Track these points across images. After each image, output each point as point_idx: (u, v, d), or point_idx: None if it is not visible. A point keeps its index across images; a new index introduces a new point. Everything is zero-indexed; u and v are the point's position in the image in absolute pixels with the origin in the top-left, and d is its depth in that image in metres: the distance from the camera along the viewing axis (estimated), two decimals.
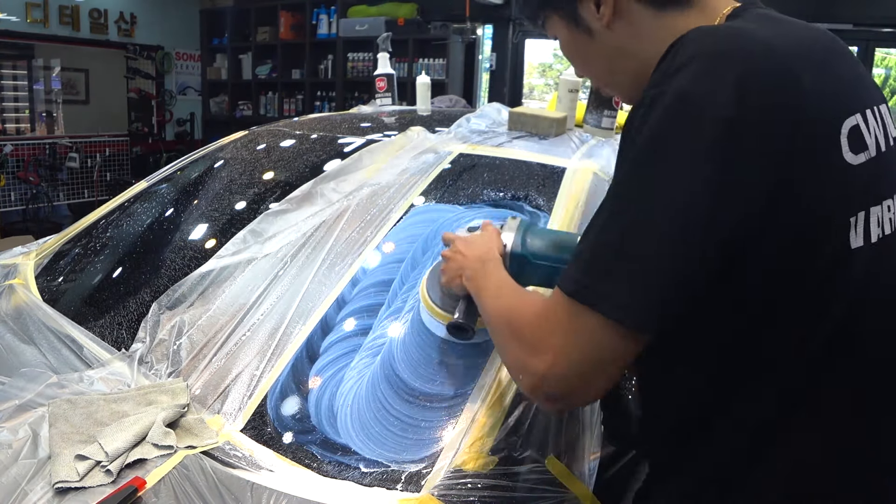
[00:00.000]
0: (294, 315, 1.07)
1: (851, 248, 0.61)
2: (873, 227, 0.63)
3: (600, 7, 0.72)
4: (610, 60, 0.76)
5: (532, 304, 0.68)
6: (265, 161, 1.63)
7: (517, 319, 0.68)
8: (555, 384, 0.62)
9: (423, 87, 2.08)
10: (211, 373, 1.02)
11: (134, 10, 6.41)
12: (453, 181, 1.33)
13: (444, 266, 0.95)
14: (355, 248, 1.18)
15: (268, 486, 0.81)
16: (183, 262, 1.29)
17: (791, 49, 0.61)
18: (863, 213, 0.62)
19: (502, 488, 0.81)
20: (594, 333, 0.59)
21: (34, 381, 0.99)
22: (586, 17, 0.74)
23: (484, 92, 5.62)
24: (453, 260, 0.93)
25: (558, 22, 0.78)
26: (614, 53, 0.75)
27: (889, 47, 4.68)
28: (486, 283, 0.82)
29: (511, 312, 0.71)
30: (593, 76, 0.83)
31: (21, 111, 5.96)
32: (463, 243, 0.93)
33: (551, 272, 0.90)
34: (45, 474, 0.81)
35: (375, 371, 0.97)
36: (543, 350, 0.62)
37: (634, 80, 0.74)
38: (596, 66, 0.80)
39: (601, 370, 0.61)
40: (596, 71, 0.81)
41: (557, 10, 0.77)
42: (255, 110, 6.42)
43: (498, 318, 0.74)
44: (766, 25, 0.66)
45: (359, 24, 5.37)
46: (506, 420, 0.88)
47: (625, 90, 0.80)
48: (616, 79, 0.80)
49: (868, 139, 0.63)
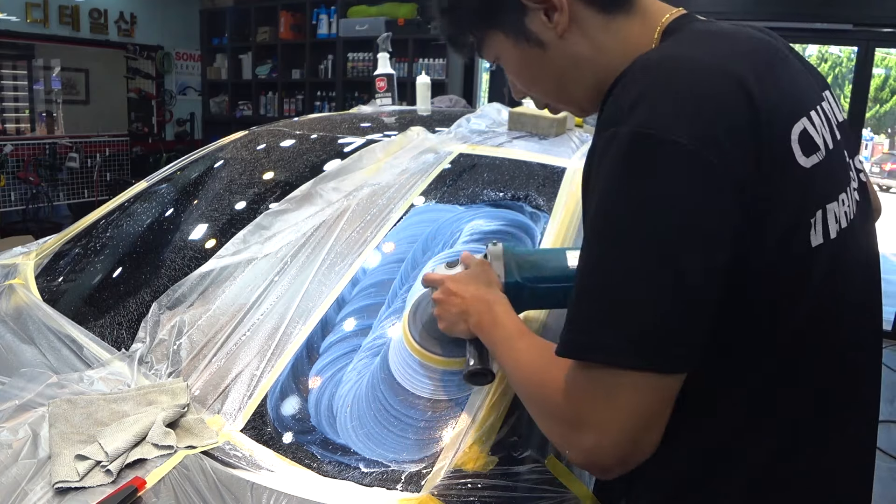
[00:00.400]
0: (294, 315, 1.07)
1: (812, 246, 0.62)
2: (831, 224, 0.64)
3: (552, 16, 0.69)
4: (564, 73, 0.73)
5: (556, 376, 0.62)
6: (265, 161, 1.63)
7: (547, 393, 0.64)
8: (606, 457, 0.58)
9: (424, 87, 2.08)
10: (211, 373, 1.02)
11: (134, 10, 6.41)
12: (453, 181, 1.33)
13: (439, 311, 0.88)
14: (355, 248, 1.18)
15: (268, 486, 0.81)
16: (183, 262, 1.29)
17: (735, 68, 0.60)
18: (820, 211, 0.63)
19: (502, 488, 0.81)
20: (629, 394, 0.56)
21: (34, 381, 0.99)
22: (536, 28, 0.70)
23: (484, 92, 5.62)
24: (449, 303, 0.86)
25: (502, 41, 0.73)
26: (569, 65, 0.72)
27: (889, 47, 4.69)
28: (498, 335, 0.78)
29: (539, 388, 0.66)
30: (544, 92, 0.78)
31: (21, 111, 5.96)
32: (455, 283, 0.87)
33: (547, 293, 0.89)
34: (45, 474, 0.81)
35: (375, 371, 0.97)
36: (584, 427, 0.58)
37: (590, 92, 0.74)
38: (548, 81, 0.76)
39: (650, 426, 0.58)
40: (547, 86, 0.77)
41: (501, 27, 0.72)
42: (255, 110, 6.42)
43: (524, 387, 0.70)
44: (705, 44, 0.65)
45: (359, 24, 5.37)
46: (506, 420, 0.88)
47: (578, 103, 0.77)
48: (570, 92, 0.76)
49: (817, 139, 0.64)
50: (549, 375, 0.63)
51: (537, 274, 0.88)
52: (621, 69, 0.65)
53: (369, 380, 0.96)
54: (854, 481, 0.76)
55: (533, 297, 0.89)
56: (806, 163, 0.62)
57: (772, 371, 0.65)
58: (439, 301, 0.88)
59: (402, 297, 1.08)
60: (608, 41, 0.70)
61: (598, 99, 0.70)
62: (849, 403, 0.73)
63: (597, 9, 0.69)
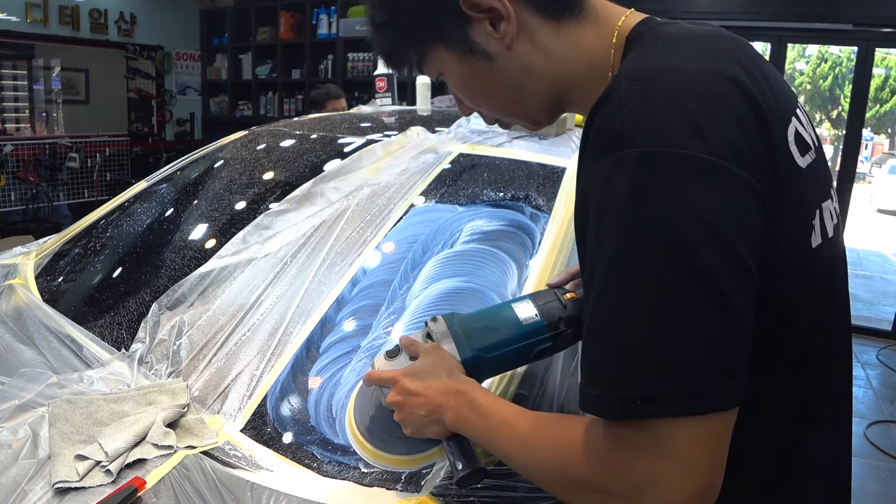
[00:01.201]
0: (294, 315, 1.07)
1: (813, 247, 0.61)
2: (827, 222, 0.63)
3: (498, 27, 0.65)
4: (514, 85, 0.68)
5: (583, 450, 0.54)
6: (265, 161, 1.63)
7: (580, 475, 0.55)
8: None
9: (423, 86, 2.08)
10: (211, 373, 1.02)
11: (134, 10, 6.41)
12: (453, 181, 1.33)
13: (402, 415, 0.76)
14: (355, 248, 1.18)
15: (268, 486, 0.81)
16: (183, 263, 1.30)
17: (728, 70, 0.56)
18: (818, 211, 0.61)
19: (502, 488, 0.81)
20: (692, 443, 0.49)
21: (34, 381, 0.99)
22: (481, 40, 0.66)
23: None
24: (412, 405, 0.74)
25: (445, 55, 0.68)
26: (520, 76, 0.67)
27: (889, 47, 4.69)
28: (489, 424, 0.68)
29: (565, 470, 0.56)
30: (495, 107, 0.73)
31: (21, 111, 5.96)
32: (412, 380, 0.75)
33: (508, 358, 0.81)
34: (45, 474, 0.81)
35: None
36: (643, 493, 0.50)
37: (543, 103, 0.70)
38: (497, 95, 0.70)
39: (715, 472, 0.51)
40: (498, 101, 0.71)
41: (443, 41, 0.67)
42: (255, 110, 6.42)
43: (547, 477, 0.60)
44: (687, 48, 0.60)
45: (359, 24, 5.37)
46: None
47: (532, 116, 0.73)
48: (522, 105, 0.71)
49: (807, 138, 0.62)
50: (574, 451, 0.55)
51: (492, 340, 0.80)
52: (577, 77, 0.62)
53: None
54: (843, 474, 0.77)
55: (494, 365, 0.81)
56: (802, 163, 0.60)
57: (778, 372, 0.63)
58: (399, 404, 0.76)
59: (401, 297, 1.08)
60: (560, 49, 0.66)
61: (553, 110, 0.67)
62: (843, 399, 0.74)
63: (545, 16, 0.65)
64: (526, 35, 0.65)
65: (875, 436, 2.98)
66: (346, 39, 5.55)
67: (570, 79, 0.65)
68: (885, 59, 6.49)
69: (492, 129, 1.56)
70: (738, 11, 4.56)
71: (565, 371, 0.99)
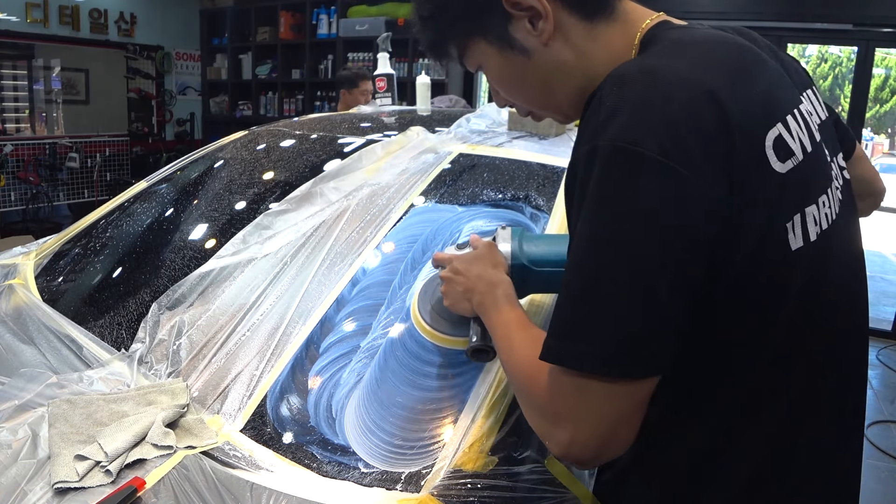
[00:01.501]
0: (294, 315, 1.07)
1: (792, 249, 0.63)
2: (811, 227, 0.65)
3: (536, 24, 0.69)
4: (548, 80, 0.73)
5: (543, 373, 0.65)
6: (265, 161, 1.63)
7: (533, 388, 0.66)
8: (580, 451, 0.62)
9: (423, 87, 2.08)
10: (211, 373, 1.02)
11: (134, 10, 6.41)
12: (453, 181, 1.32)
13: (445, 288, 0.91)
14: (355, 248, 1.18)
15: (267, 486, 0.81)
16: (183, 263, 1.29)
17: (707, 77, 0.61)
18: (798, 215, 0.64)
19: (502, 488, 0.81)
20: (600, 398, 0.59)
21: (34, 381, 0.99)
22: (520, 37, 0.71)
23: (484, 92, 5.62)
24: (455, 282, 0.88)
25: (486, 49, 0.74)
26: (554, 72, 0.72)
27: (889, 47, 4.69)
28: (498, 319, 0.79)
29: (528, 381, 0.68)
30: (528, 99, 0.79)
31: (21, 111, 5.96)
32: (461, 262, 0.89)
33: (552, 278, 0.89)
34: (45, 474, 0.81)
35: (374, 372, 0.97)
36: (561, 423, 0.62)
37: (573, 98, 0.74)
38: (532, 89, 0.76)
39: (619, 426, 0.61)
40: (532, 93, 0.77)
41: (485, 36, 0.73)
42: (255, 110, 6.42)
43: (513, 378, 0.72)
44: (678, 54, 0.65)
45: (359, 24, 5.37)
46: (506, 420, 0.88)
47: (562, 109, 0.78)
48: (554, 99, 0.76)
49: (793, 145, 0.64)
50: (537, 371, 0.65)
51: (544, 258, 0.89)
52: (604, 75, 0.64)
53: (367, 381, 0.96)
54: (848, 476, 0.78)
55: (538, 281, 0.89)
56: (781, 168, 0.62)
57: (763, 371, 0.66)
58: (446, 279, 0.91)
59: (401, 297, 1.08)
60: (591, 48, 0.71)
61: (580, 105, 0.70)
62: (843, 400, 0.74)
63: (580, 16, 0.70)
64: (561, 33, 0.70)
65: (875, 436, 2.98)
66: (346, 39, 5.55)
67: (597, 76, 0.67)
68: (885, 59, 6.53)
69: (492, 129, 1.56)
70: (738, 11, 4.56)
71: None
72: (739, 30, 0.76)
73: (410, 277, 1.11)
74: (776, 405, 0.68)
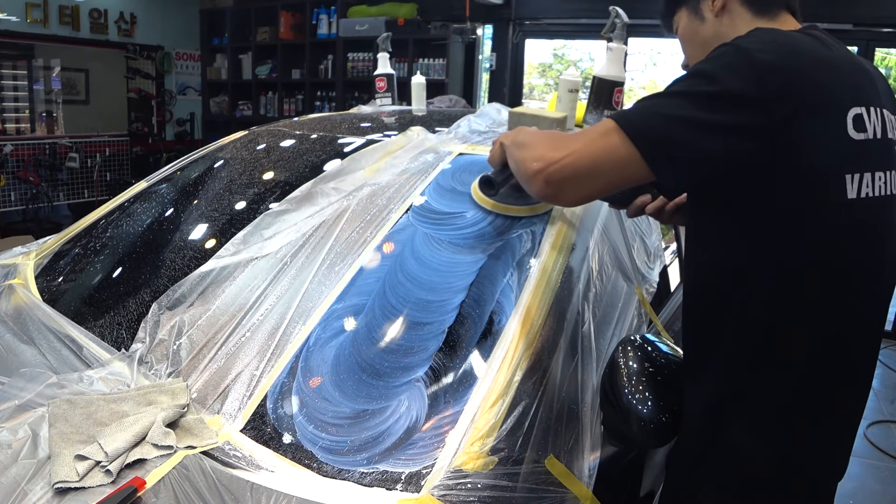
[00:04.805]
0: (294, 315, 1.07)
1: (847, 197, 0.81)
2: (864, 187, 0.82)
3: (714, 1, 0.98)
4: (709, 42, 0.96)
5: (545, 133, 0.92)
6: (265, 161, 1.63)
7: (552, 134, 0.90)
8: (557, 172, 0.84)
9: (419, 86, 2.08)
10: (211, 373, 1.02)
11: (134, 10, 6.41)
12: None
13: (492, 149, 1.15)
14: (355, 248, 1.18)
15: (268, 487, 0.81)
16: (183, 262, 1.29)
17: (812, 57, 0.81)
18: (858, 174, 0.81)
19: (502, 488, 0.81)
20: (610, 145, 0.82)
21: (34, 381, 0.99)
22: (703, 8, 1.00)
23: (484, 92, 5.61)
24: (499, 141, 1.12)
25: (684, 14, 1.04)
26: (713, 37, 0.97)
27: (889, 47, 4.68)
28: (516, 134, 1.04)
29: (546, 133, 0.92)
30: (692, 55, 1.05)
31: (21, 111, 5.96)
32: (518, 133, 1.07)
33: None
34: (45, 474, 0.81)
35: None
36: (564, 148, 0.85)
37: None
38: (695, 46, 1.03)
39: (596, 176, 0.84)
40: (695, 51, 1.03)
41: (686, 5, 1.03)
42: (255, 110, 6.41)
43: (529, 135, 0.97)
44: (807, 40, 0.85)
45: (359, 24, 5.36)
46: (506, 420, 0.88)
47: None
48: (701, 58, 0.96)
49: (868, 125, 0.83)
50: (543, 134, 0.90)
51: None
52: None
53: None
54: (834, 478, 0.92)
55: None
56: (855, 135, 0.81)
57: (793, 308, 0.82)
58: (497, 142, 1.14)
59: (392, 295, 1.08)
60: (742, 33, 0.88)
61: None
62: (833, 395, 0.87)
63: (750, 9, 0.95)
64: (728, 14, 0.97)
65: (875, 436, 2.98)
66: (346, 39, 5.55)
67: None
68: (885, 59, 6.51)
69: (492, 129, 1.56)
70: None
71: (565, 371, 0.99)
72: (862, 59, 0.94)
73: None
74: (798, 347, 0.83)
